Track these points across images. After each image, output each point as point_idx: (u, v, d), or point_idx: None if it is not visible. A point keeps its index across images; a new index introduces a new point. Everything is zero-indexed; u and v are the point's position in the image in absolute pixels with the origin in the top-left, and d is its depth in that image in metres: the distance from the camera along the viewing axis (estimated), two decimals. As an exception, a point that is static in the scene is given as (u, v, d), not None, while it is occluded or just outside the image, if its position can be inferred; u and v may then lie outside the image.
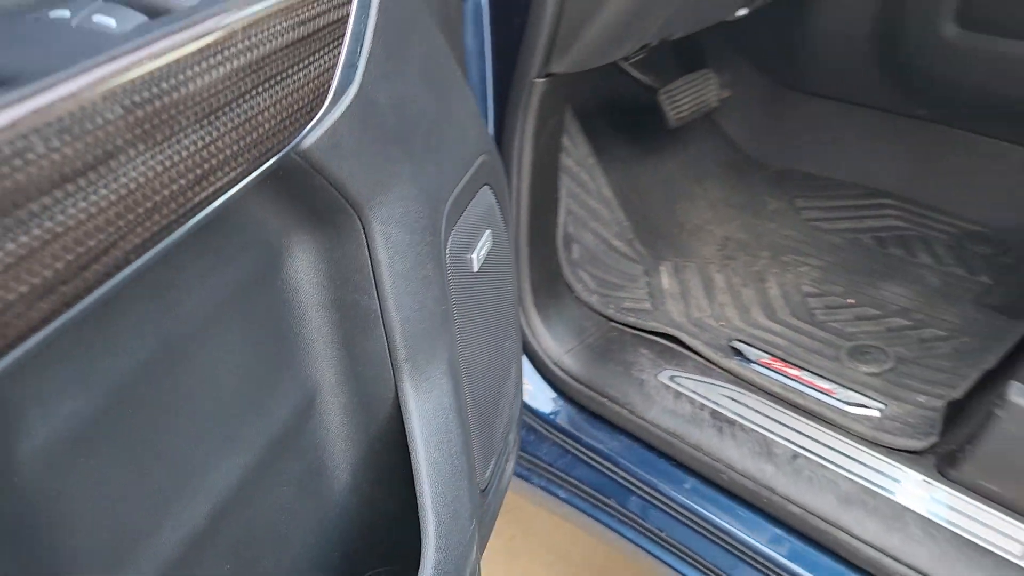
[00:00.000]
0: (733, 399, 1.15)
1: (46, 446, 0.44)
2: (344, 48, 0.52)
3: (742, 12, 1.20)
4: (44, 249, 0.33)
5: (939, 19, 1.48)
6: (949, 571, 0.94)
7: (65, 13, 0.41)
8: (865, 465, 1.05)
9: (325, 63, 0.50)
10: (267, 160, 0.47)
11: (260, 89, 0.44)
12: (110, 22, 0.40)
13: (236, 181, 0.44)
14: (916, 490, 1.02)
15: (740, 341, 1.26)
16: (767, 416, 1.13)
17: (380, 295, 0.65)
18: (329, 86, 0.51)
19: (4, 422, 0.41)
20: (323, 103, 0.51)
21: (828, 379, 1.19)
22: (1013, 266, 1.41)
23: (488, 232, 0.81)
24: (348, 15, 0.52)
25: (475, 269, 0.78)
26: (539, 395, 1.25)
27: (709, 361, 1.21)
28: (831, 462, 1.06)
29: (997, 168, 1.48)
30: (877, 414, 1.12)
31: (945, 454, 1.04)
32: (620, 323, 1.28)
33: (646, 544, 1.14)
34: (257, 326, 0.60)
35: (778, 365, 1.22)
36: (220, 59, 0.41)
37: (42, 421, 0.43)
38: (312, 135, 0.51)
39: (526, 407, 1.24)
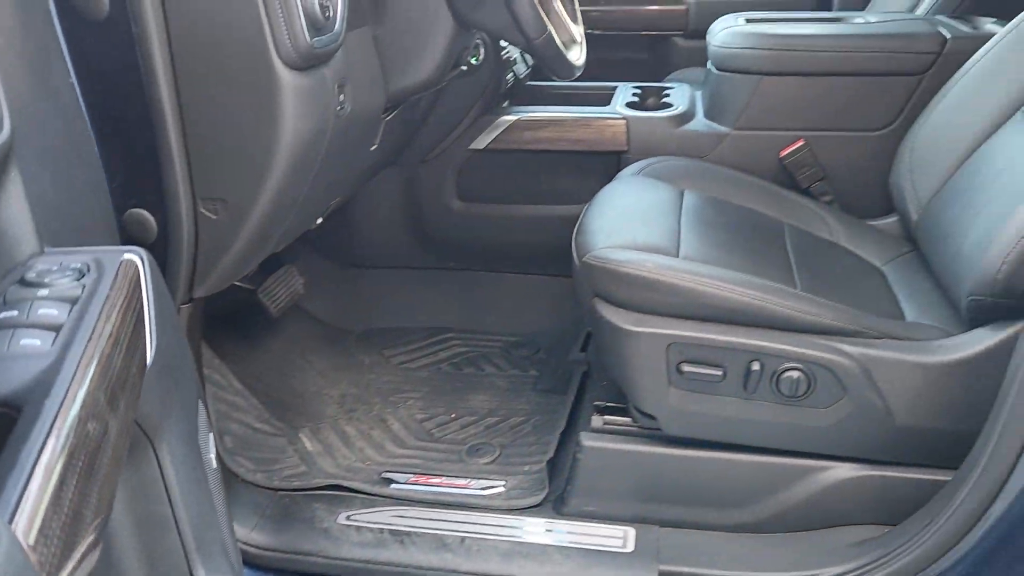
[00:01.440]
0: (402, 516, 1.44)
1: None
2: (146, 322, 0.72)
3: (319, 221, 1.54)
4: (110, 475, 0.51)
5: (445, 196, 2.00)
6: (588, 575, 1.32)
7: (-8, 344, 0.57)
8: (509, 527, 1.41)
9: (144, 337, 0.70)
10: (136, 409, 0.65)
11: (130, 362, 0.64)
12: (36, 342, 0.58)
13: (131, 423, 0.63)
14: (546, 530, 1.40)
15: (388, 471, 1.56)
16: (431, 519, 1.43)
17: (171, 501, 0.81)
18: (146, 352, 0.71)
19: None
20: (146, 365, 0.70)
21: (460, 477, 1.54)
22: (547, 359, 1.95)
23: (211, 435, 1.00)
24: (143, 300, 0.73)
25: (214, 466, 0.96)
26: None
27: (371, 495, 1.48)
28: (487, 534, 1.40)
29: (516, 294, 2.03)
30: (503, 489, 1.50)
31: (556, 498, 1.45)
32: (288, 490, 1.49)
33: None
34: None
35: (423, 479, 1.53)
36: (118, 342, 0.61)
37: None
38: (136, 389, 0.70)
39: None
